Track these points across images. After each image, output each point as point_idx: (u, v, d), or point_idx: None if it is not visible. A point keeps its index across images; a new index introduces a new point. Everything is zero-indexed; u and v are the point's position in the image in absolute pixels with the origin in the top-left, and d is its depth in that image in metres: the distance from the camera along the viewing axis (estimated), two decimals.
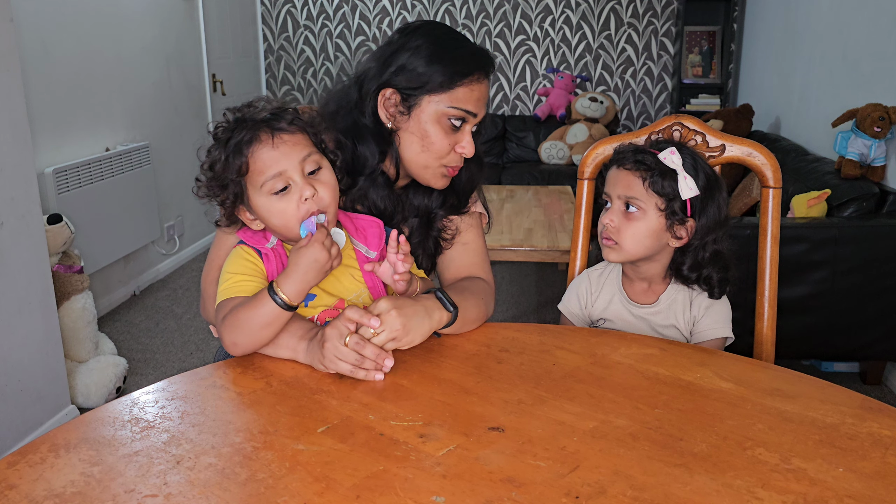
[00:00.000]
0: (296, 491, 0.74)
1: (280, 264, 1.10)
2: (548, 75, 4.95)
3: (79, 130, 3.05)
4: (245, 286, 1.07)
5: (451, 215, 1.31)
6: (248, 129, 1.04)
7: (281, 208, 1.04)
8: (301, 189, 1.03)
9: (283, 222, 1.06)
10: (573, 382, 0.98)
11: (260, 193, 1.05)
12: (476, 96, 1.17)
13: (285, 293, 1.00)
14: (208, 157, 1.07)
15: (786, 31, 3.76)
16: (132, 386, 2.60)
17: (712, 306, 1.26)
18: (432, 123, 1.17)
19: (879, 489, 0.75)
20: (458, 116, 1.16)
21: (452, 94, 1.15)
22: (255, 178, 1.04)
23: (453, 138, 1.18)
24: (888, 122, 2.47)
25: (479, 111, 1.18)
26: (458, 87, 1.15)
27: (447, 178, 1.23)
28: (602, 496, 0.73)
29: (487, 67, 1.19)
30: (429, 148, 1.18)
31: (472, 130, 1.19)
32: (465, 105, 1.16)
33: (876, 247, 2.26)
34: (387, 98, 1.18)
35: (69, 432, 0.86)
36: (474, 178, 1.30)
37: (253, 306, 1.02)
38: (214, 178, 1.06)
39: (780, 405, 0.92)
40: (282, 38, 5.08)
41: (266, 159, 1.03)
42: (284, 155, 1.03)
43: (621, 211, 1.23)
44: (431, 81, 1.15)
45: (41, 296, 2.14)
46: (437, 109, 1.16)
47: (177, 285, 3.68)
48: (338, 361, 0.98)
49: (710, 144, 1.33)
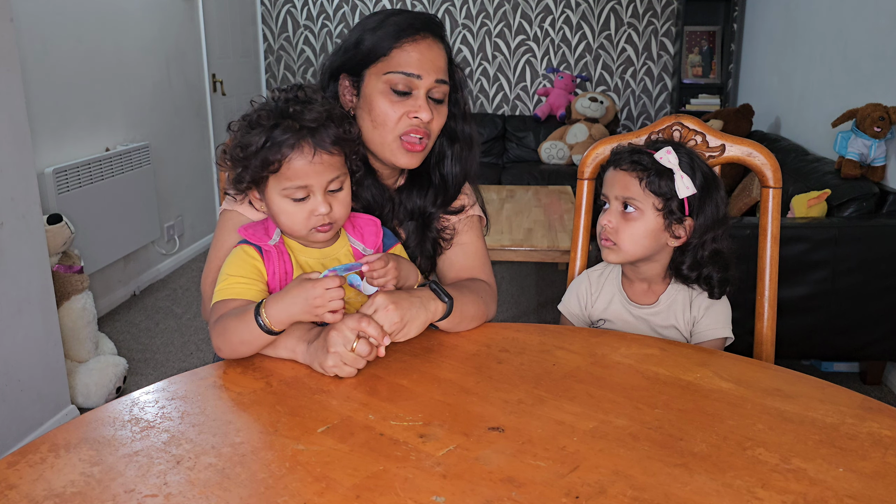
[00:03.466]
0: (296, 491, 0.74)
1: (282, 262, 1.10)
2: (548, 75, 4.95)
3: (79, 130, 3.05)
4: (241, 289, 1.07)
5: (447, 214, 1.29)
6: (294, 131, 1.03)
7: (292, 212, 1.06)
8: (318, 205, 1.05)
9: (290, 224, 1.07)
10: (573, 382, 0.98)
11: (278, 192, 1.06)
12: (416, 58, 1.14)
13: (269, 317, 1.00)
14: (244, 132, 1.05)
15: (786, 31, 3.76)
16: (132, 386, 2.60)
17: (712, 306, 1.26)
18: (377, 95, 1.15)
19: (879, 489, 0.75)
20: (399, 82, 1.14)
21: (389, 60, 1.14)
22: (281, 179, 1.04)
23: (402, 106, 1.15)
24: (888, 122, 2.47)
25: (424, 73, 1.14)
26: (394, 51, 1.14)
27: (411, 153, 1.18)
28: (602, 496, 0.73)
29: (427, 28, 1.16)
30: (377, 121, 1.16)
31: (429, 98, 1.16)
32: (404, 68, 1.13)
33: (876, 247, 2.26)
34: (343, 86, 1.18)
35: (69, 432, 0.86)
36: (465, 162, 1.27)
37: (238, 319, 1.02)
38: (243, 157, 1.05)
39: (780, 405, 0.92)
40: (282, 38, 5.08)
41: (299, 170, 1.03)
42: (317, 173, 1.04)
43: (619, 212, 1.23)
44: (369, 53, 1.14)
45: (41, 296, 2.14)
46: (378, 81, 1.15)
47: (177, 285, 3.68)
48: (343, 366, 0.98)
49: (709, 144, 1.33)
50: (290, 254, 1.12)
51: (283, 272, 1.10)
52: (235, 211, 1.19)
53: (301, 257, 1.13)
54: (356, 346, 0.97)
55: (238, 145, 1.06)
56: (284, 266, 1.10)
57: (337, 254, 1.14)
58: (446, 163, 1.26)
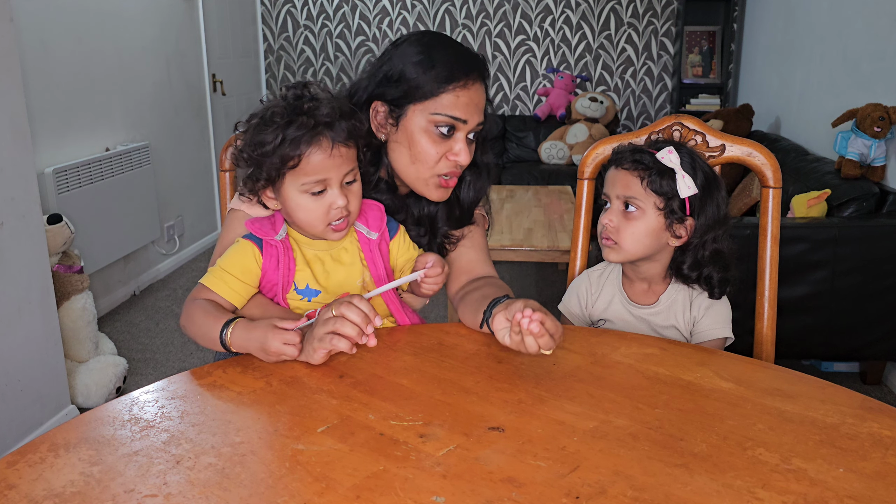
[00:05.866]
0: (296, 491, 0.74)
1: (288, 258, 1.12)
2: (548, 75, 4.95)
3: (79, 130, 3.05)
4: (225, 287, 1.10)
5: (454, 230, 1.30)
6: (309, 128, 1.04)
7: (311, 207, 1.07)
8: (336, 198, 1.07)
9: (308, 219, 1.09)
10: (573, 382, 0.98)
11: (296, 188, 1.07)
12: (464, 102, 1.14)
13: (231, 337, 1.03)
14: (257, 131, 1.06)
15: (786, 31, 3.76)
16: (132, 386, 2.59)
17: (712, 306, 1.26)
18: (419, 133, 1.15)
19: (879, 489, 0.75)
20: (444, 123, 1.14)
21: (437, 101, 1.14)
22: (299, 175, 1.06)
23: (443, 146, 1.16)
24: (888, 122, 2.47)
25: (470, 117, 1.16)
26: (443, 94, 1.13)
27: (444, 189, 1.20)
28: (602, 496, 0.73)
29: (475, 71, 1.16)
30: (417, 157, 1.16)
31: (467, 138, 1.17)
32: (452, 111, 1.14)
33: (876, 247, 2.26)
34: (376, 111, 1.18)
35: (69, 432, 0.85)
36: (480, 189, 1.30)
37: (207, 320, 1.06)
38: (260, 156, 1.06)
39: (781, 405, 0.92)
40: (282, 38, 5.08)
41: (317, 165, 1.05)
42: (335, 166, 1.06)
43: (620, 211, 1.23)
44: (416, 90, 1.14)
45: (41, 296, 2.13)
46: (423, 118, 1.15)
47: (177, 285, 3.68)
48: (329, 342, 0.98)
49: (709, 144, 1.33)
50: (295, 249, 1.13)
51: (286, 267, 1.12)
52: (243, 210, 1.20)
53: (308, 251, 1.14)
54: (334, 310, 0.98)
55: (250, 144, 1.06)
56: (288, 262, 1.12)
57: (343, 242, 1.15)
58: (463, 187, 1.28)
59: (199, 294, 1.11)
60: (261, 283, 1.14)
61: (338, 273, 1.14)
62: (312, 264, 1.14)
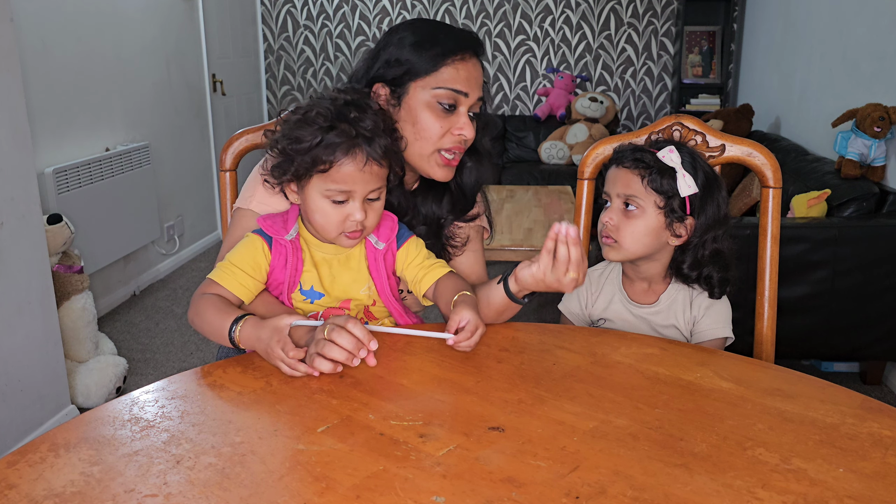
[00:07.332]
0: (296, 491, 0.74)
1: (296, 259, 1.12)
2: (548, 75, 4.95)
3: (79, 130, 3.05)
4: (233, 281, 1.10)
5: (461, 221, 1.30)
6: (349, 136, 1.04)
7: (329, 212, 1.08)
8: (355, 210, 1.07)
9: (323, 223, 1.09)
10: (573, 382, 0.98)
11: (320, 191, 1.07)
12: (464, 75, 1.16)
13: (240, 335, 1.04)
14: (297, 126, 1.06)
15: (786, 31, 3.76)
16: (132, 386, 2.59)
17: (712, 306, 1.26)
18: (422, 108, 1.16)
19: (879, 489, 0.75)
20: (446, 98, 1.15)
21: (438, 76, 1.15)
22: (326, 180, 1.06)
23: (447, 122, 1.17)
24: (888, 122, 2.47)
25: (471, 90, 1.17)
26: (443, 68, 1.15)
27: (447, 168, 1.20)
28: (602, 496, 0.73)
29: (472, 47, 1.18)
30: (420, 134, 1.17)
31: (469, 115, 1.18)
32: (453, 84, 1.15)
33: (876, 247, 2.26)
34: (377, 94, 1.18)
35: (69, 432, 0.85)
36: (481, 172, 1.30)
37: (217, 316, 1.06)
38: (294, 151, 1.06)
39: (781, 405, 0.92)
40: (282, 38, 5.08)
41: (347, 175, 1.05)
42: (363, 181, 1.06)
43: (621, 209, 1.23)
44: (416, 67, 1.15)
45: (41, 296, 2.13)
46: (426, 93, 1.15)
47: (177, 285, 3.68)
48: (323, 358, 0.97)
49: (709, 144, 1.33)
50: (304, 249, 1.14)
51: (293, 267, 1.13)
52: (250, 210, 1.20)
53: (317, 253, 1.14)
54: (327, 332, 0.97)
55: (287, 137, 1.07)
56: (296, 262, 1.13)
57: (352, 249, 1.15)
58: (465, 172, 1.28)
59: (207, 289, 1.11)
60: (268, 281, 1.14)
61: (343, 278, 1.15)
62: (319, 267, 1.14)
